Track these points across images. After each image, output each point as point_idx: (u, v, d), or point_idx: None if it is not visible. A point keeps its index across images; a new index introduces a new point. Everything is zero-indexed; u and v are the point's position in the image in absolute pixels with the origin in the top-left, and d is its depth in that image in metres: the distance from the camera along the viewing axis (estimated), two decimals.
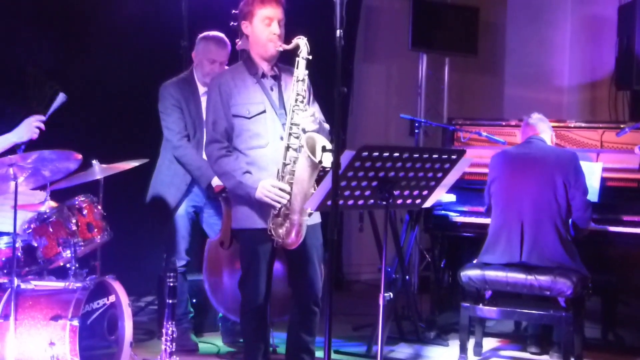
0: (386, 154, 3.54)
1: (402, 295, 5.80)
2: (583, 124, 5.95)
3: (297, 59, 4.03)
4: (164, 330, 4.60)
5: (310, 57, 4.02)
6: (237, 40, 5.02)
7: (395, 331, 5.70)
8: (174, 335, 4.60)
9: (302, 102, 4.02)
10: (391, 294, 3.81)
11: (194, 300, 5.61)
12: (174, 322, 4.63)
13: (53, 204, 4.71)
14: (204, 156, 4.75)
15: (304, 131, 3.97)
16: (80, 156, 4.51)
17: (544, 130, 5.19)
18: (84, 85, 6.52)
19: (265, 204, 4.01)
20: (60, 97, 4.68)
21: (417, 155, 3.64)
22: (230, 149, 4.11)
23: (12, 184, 4.33)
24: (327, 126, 4.20)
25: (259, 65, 4.16)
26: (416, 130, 6.50)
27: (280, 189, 3.95)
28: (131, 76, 6.56)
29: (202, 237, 5.43)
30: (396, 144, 8.03)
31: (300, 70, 4.03)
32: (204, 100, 5.15)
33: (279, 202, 3.96)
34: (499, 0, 8.08)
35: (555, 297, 4.84)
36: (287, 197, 3.95)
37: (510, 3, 7.73)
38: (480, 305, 4.99)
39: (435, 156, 3.70)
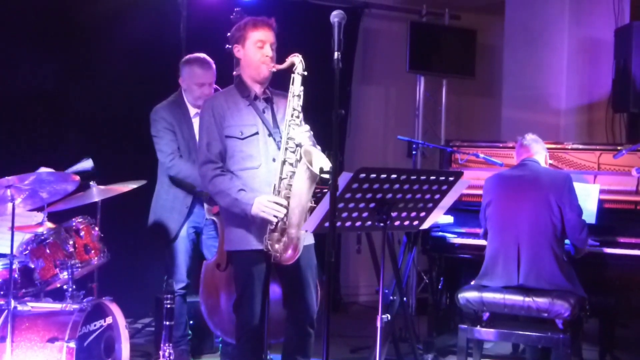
0: (384, 176, 3.54)
1: (399, 317, 5.78)
2: (580, 146, 5.96)
3: (292, 75, 4.05)
4: (161, 353, 4.59)
5: (305, 73, 4.04)
6: (235, 70, 5.04)
7: (392, 353, 5.66)
8: (171, 358, 4.59)
9: (297, 117, 4.04)
10: (389, 316, 3.81)
11: (192, 322, 5.60)
12: (171, 344, 4.62)
13: (50, 225, 4.72)
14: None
15: (300, 146, 3.98)
16: (78, 178, 4.52)
17: (538, 152, 5.20)
18: (83, 108, 6.55)
19: (258, 224, 4.01)
20: (87, 163, 4.72)
21: (415, 177, 3.64)
22: (225, 170, 4.12)
23: (10, 205, 4.33)
24: (317, 148, 4.21)
25: (251, 88, 4.19)
26: (414, 152, 6.51)
27: (277, 203, 3.95)
28: (129, 99, 6.58)
29: (201, 259, 5.43)
30: (394, 165, 8.07)
31: (296, 86, 4.05)
32: (195, 122, 5.17)
33: (276, 217, 3.95)
34: (497, 23, 8.12)
35: (553, 319, 4.82)
36: (284, 211, 3.94)
37: (507, 26, 7.77)
38: (478, 327, 4.97)
39: (432, 178, 3.71)
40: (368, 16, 8.32)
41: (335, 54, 3.51)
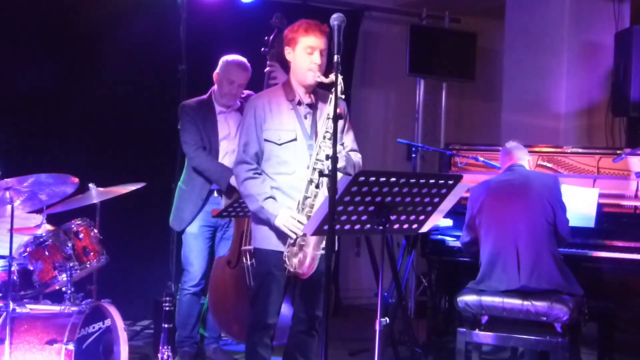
0: (383, 179, 3.53)
1: (398, 320, 5.79)
2: (580, 150, 5.96)
3: (330, 96, 3.87)
4: (159, 355, 4.59)
5: (343, 97, 3.93)
6: (267, 68, 5.33)
7: (391, 356, 5.68)
8: None
9: (329, 139, 3.92)
10: (387, 319, 3.80)
11: None
12: (169, 347, 4.62)
13: (49, 227, 4.71)
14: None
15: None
16: (77, 180, 4.52)
17: (522, 158, 5.22)
18: (82, 110, 6.55)
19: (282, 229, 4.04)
20: None
21: (414, 181, 3.63)
22: (259, 171, 4.14)
23: (9, 207, 4.33)
24: (357, 156, 4.25)
25: (296, 92, 4.17)
26: (413, 155, 6.52)
27: (298, 221, 3.96)
28: (129, 100, 6.58)
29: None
30: (393, 168, 8.07)
31: (332, 107, 3.93)
32: (219, 119, 5.37)
33: (296, 234, 3.97)
34: (497, 26, 8.12)
35: (552, 322, 4.82)
36: None
37: (507, 29, 7.76)
38: (477, 331, 4.97)
39: (432, 181, 3.70)
40: (368, 19, 8.32)
41: (335, 57, 3.51)
